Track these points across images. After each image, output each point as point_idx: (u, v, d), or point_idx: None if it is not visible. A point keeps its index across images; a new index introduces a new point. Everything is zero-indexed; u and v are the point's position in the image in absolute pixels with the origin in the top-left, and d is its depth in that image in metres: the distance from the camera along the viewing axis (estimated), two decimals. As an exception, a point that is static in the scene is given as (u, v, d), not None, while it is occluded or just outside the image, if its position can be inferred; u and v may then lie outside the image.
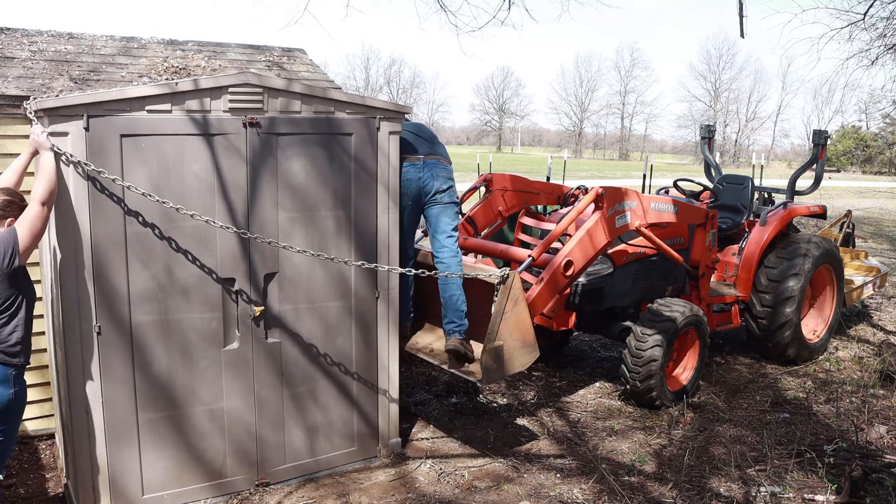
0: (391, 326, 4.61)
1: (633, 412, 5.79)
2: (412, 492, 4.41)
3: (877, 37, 10.29)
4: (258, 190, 3.96)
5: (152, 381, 3.84)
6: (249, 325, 4.07)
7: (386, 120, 4.35)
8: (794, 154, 65.87)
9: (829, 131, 7.62)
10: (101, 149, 3.51)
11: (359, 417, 4.60)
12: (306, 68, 6.12)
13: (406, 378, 6.15)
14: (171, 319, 3.83)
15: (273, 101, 3.95)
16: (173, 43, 5.86)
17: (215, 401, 4.04)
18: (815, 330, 7.36)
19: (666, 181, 10.79)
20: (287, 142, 4.02)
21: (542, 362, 6.79)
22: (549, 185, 6.51)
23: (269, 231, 4.03)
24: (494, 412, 5.74)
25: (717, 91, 72.41)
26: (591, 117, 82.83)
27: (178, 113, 3.69)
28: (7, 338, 3.27)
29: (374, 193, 4.38)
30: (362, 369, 4.55)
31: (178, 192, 3.74)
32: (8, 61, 4.87)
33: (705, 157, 8.44)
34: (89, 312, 3.61)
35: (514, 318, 4.27)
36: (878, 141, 49.89)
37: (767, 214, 7.04)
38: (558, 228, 5.10)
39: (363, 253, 4.39)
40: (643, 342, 5.57)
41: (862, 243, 14.20)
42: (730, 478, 4.71)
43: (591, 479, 4.62)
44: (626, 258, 5.99)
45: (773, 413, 5.84)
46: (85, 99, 3.46)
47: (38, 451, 4.75)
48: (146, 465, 3.89)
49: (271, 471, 4.32)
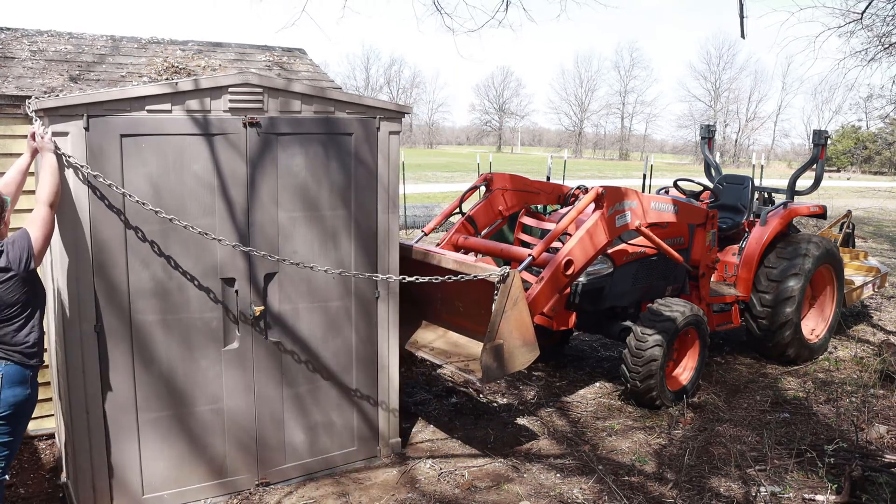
0: (391, 326, 4.61)
1: (633, 412, 5.79)
2: (412, 491, 4.41)
3: (874, 36, 10.30)
4: (258, 189, 3.96)
5: (153, 381, 3.84)
6: (250, 324, 4.07)
7: (386, 120, 4.35)
8: (794, 154, 65.89)
9: (828, 131, 7.62)
10: (102, 149, 3.51)
11: (359, 417, 4.60)
12: (306, 68, 6.12)
13: (406, 378, 6.15)
14: (171, 319, 3.83)
15: (273, 100, 3.95)
16: (173, 43, 5.86)
17: (216, 400, 4.04)
18: (815, 330, 7.36)
19: (666, 181, 10.79)
20: (287, 141, 4.02)
21: (542, 362, 6.79)
22: (549, 185, 6.51)
23: (269, 230, 4.03)
24: (494, 412, 5.74)
25: (717, 91, 72.45)
26: (591, 117, 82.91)
27: (178, 113, 3.69)
28: (24, 339, 3.28)
29: (375, 193, 4.38)
30: (363, 369, 4.55)
31: (178, 193, 3.74)
32: (8, 61, 4.87)
33: (705, 157, 8.44)
34: (90, 312, 3.61)
35: (515, 316, 4.27)
36: (878, 142, 49.90)
37: (767, 214, 7.04)
38: (558, 228, 5.10)
39: (363, 252, 4.39)
40: (643, 342, 5.57)
41: (862, 243, 14.20)
42: (730, 477, 4.71)
43: (591, 479, 4.62)
44: (626, 258, 6.00)
45: (773, 413, 5.84)
46: (85, 99, 3.46)
47: (38, 451, 4.75)
48: (147, 465, 3.89)
49: (272, 470, 4.31)
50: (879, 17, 10.28)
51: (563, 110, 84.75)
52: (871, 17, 9.95)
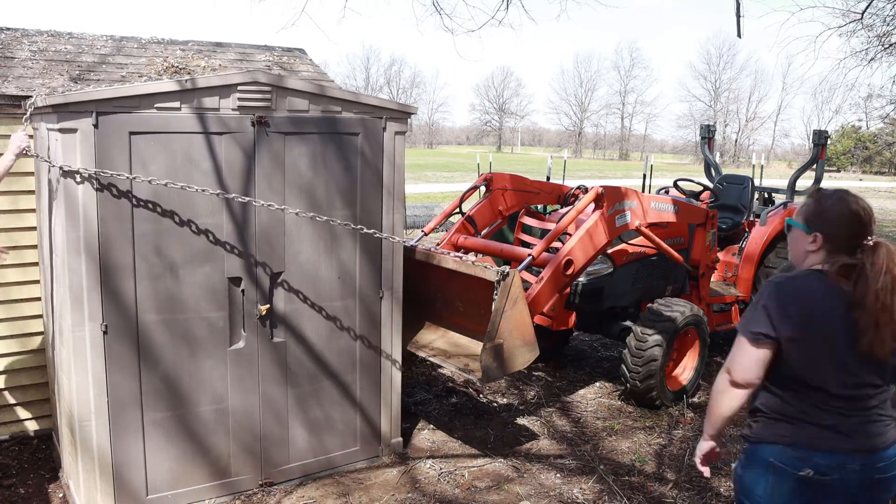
0: (395, 326, 4.61)
1: (633, 412, 5.80)
2: (413, 491, 4.41)
3: (874, 36, 10.30)
4: (265, 188, 3.95)
5: (158, 381, 3.84)
6: (255, 324, 4.07)
7: (392, 120, 4.36)
8: (794, 154, 65.94)
9: (829, 131, 7.63)
10: (110, 146, 3.50)
11: (361, 417, 4.60)
12: (307, 68, 6.12)
13: (406, 378, 6.15)
14: (177, 318, 3.83)
15: (281, 99, 3.95)
16: (174, 43, 5.86)
17: (220, 400, 4.04)
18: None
19: (666, 181, 10.79)
20: (295, 141, 4.02)
21: (542, 362, 6.80)
22: (549, 185, 6.51)
23: (276, 230, 4.04)
24: (494, 412, 5.75)
25: (717, 91, 72.50)
26: (590, 117, 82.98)
27: (187, 111, 3.69)
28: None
29: (380, 193, 4.38)
30: (366, 369, 4.56)
31: (187, 191, 3.74)
32: (8, 61, 4.87)
33: (705, 157, 8.44)
34: (97, 311, 3.61)
35: (514, 316, 4.28)
36: (878, 142, 49.92)
37: (767, 214, 7.05)
38: (558, 228, 5.11)
39: (368, 252, 4.40)
40: (643, 342, 5.58)
41: (862, 243, 14.19)
42: (730, 477, 4.71)
43: (591, 479, 4.63)
44: (626, 258, 6.00)
45: (773, 413, 5.84)
46: (94, 95, 3.44)
47: (37, 451, 4.75)
48: (151, 465, 3.89)
49: (275, 470, 4.32)
50: (879, 17, 10.30)
51: (562, 110, 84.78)
52: (871, 16, 9.96)
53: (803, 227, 2.50)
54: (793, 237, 2.57)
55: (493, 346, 4.22)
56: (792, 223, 2.56)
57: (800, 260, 2.55)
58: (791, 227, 2.57)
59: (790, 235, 2.58)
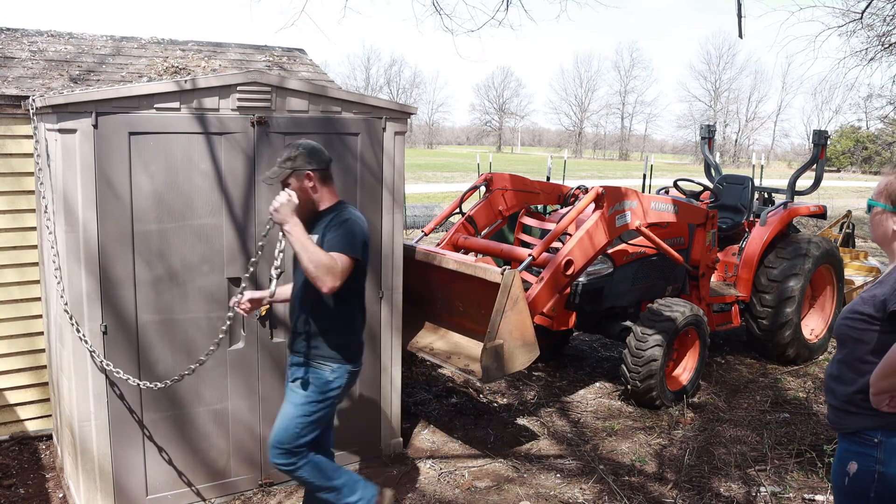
0: (394, 327, 4.61)
1: (633, 412, 5.80)
2: (412, 492, 4.41)
3: (874, 35, 10.31)
4: (265, 189, 3.95)
5: (157, 381, 3.83)
6: (255, 325, 4.07)
7: (391, 120, 4.35)
8: (794, 154, 65.92)
9: (828, 131, 7.63)
10: (110, 146, 3.51)
11: (361, 418, 4.60)
12: (306, 68, 6.12)
13: (406, 378, 6.15)
14: (176, 319, 3.83)
15: (281, 100, 3.95)
16: (173, 43, 5.86)
17: (219, 401, 4.04)
18: (815, 330, 7.36)
19: (666, 181, 10.79)
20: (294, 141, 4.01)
21: (542, 362, 6.80)
22: (549, 185, 6.51)
23: (276, 230, 4.02)
24: (494, 412, 5.74)
25: (717, 91, 72.49)
26: (590, 117, 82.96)
27: (186, 111, 3.69)
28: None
29: (379, 194, 4.38)
30: (365, 370, 4.53)
31: (186, 192, 3.74)
32: (8, 61, 4.87)
33: (705, 157, 8.44)
34: (96, 311, 3.61)
35: (514, 316, 4.28)
36: (877, 142, 49.93)
37: (767, 214, 7.04)
38: (558, 228, 5.11)
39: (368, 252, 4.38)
40: (643, 342, 5.57)
41: (862, 243, 14.20)
42: (730, 478, 4.71)
43: (591, 479, 4.63)
44: (626, 258, 6.00)
45: (773, 413, 5.84)
46: (94, 96, 3.45)
47: (38, 451, 4.75)
48: (150, 466, 3.89)
49: (274, 471, 4.31)
50: (879, 17, 10.30)
51: (562, 110, 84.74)
52: (871, 16, 9.96)
53: (889, 207, 2.28)
54: (876, 219, 2.34)
55: (493, 347, 4.22)
56: (874, 203, 2.33)
57: (886, 242, 2.34)
58: (872, 207, 2.35)
59: (872, 217, 2.36)
